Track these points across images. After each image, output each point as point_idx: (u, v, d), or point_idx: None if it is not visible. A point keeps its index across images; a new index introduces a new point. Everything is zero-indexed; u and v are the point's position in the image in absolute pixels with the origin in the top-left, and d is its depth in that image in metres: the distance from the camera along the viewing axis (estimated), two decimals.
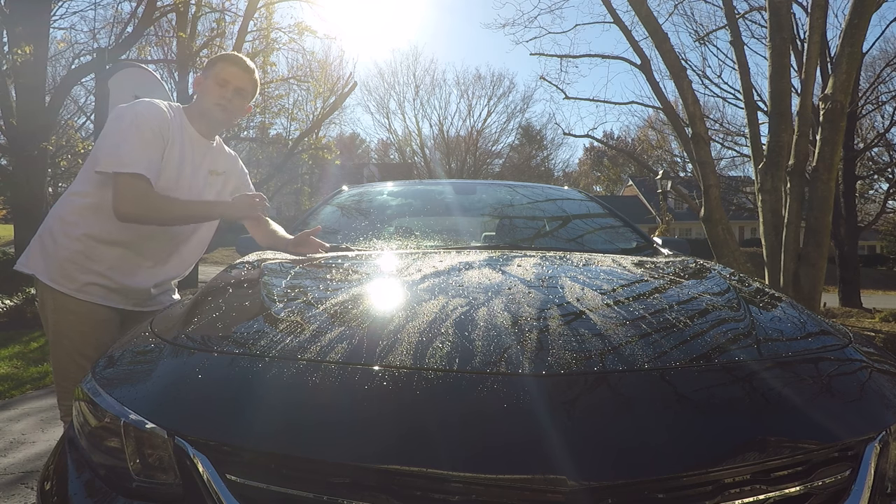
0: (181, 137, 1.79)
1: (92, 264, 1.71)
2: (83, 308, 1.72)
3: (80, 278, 1.71)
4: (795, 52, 11.84)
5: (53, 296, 1.72)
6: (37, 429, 3.38)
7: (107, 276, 1.73)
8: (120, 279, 1.76)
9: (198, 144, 1.85)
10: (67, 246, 1.70)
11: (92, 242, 1.71)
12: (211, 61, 1.90)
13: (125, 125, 1.66)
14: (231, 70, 1.83)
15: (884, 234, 30.99)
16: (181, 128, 1.80)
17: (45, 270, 1.72)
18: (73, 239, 1.70)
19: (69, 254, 1.70)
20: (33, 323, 7.11)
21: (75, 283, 1.71)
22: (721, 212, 6.46)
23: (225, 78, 1.82)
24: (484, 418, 0.81)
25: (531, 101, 46.09)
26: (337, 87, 19.23)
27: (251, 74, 1.88)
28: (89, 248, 1.71)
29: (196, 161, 1.84)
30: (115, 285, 1.76)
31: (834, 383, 0.99)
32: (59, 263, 1.71)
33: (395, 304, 1.20)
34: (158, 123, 1.70)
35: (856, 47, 5.44)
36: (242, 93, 1.87)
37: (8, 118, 9.07)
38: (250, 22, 11.24)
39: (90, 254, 1.71)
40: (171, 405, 0.92)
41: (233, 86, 1.83)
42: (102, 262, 1.72)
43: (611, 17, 7.58)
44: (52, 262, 1.71)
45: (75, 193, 1.73)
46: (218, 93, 1.82)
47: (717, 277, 1.56)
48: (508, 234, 2.35)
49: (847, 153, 13.66)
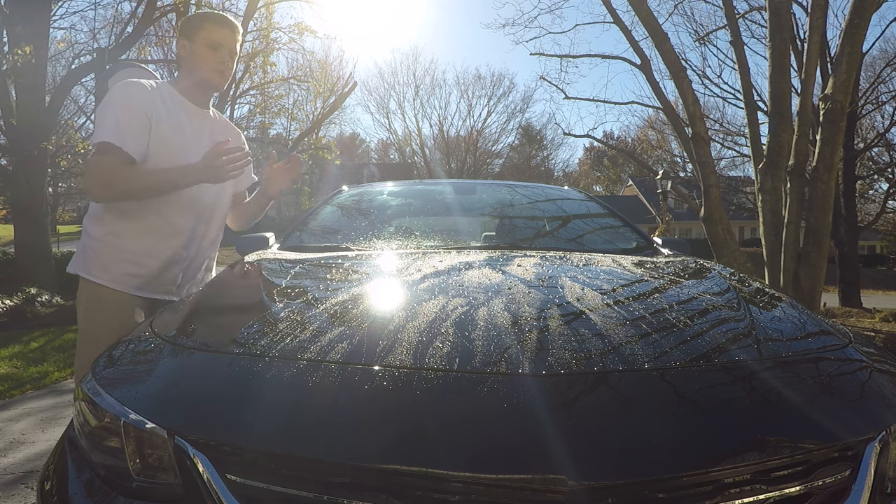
0: (173, 108, 1.74)
1: (124, 254, 1.75)
2: (116, 297, 1.75)
3: (114, 268, 1.75)
4: (795, 52, 11.84)
5: (89, 287, 1.76)
6: (37, 429, 3.38)
7: (139, 262, 1.76)
8: (152, 265, 1.78)
9: (193, 114, 1.81)
10: (100, 238, 1.75)
11: (120, 233, 1.75)
12: (191, 23, 1.81)
13: (104, 106, 1.66)
14: (222, 32, 1.78)
15: (884, 234, 30.98)
16: (170, 98, 1.76)
17: (83, 265, 1.77)
18: (103, 232, 1.75)
19: (102, 245, 1.75)
20: (33, 323, 7.12)
21: (109, 273, 1.75)
22: (721, 212, 6.47)
23: (217, 41, 1.76)
24: (484, 418, 0.81)
25: (531, 101, 46.16)
26: (337, 87, 19.23)
27: (239, 33, 1.83)
28: (119, 239, 1.75)
29: (196, 129, 1.80)
30: (147, 272, 1.78)
31: (834, 383, 0.99)
32: (95, 256, 1.75)
33: (395, 304, 1.20)
34: (139, 99, 1.67)
35: (856, 47, 5.44)
36: (234, 54, 1.82)
37: (8, 118, 9.07)
38: (250, 22, 11.24)
39: (121, 244, 1.75)
40: (171, 405, 0.92)
41: (226, 48, 1.78)
42: (133, 251, 1.75)
43: (611, 17, 7.59)
44: (90, 256, 1.76)
45: None
46: (213, 58, 1.76)
47: (717, 277, 1.56)
48: (508, 234, 2.34)
49: (847, 153, 13.66)
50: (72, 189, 26.97)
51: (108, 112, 1.64)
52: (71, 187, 26.72)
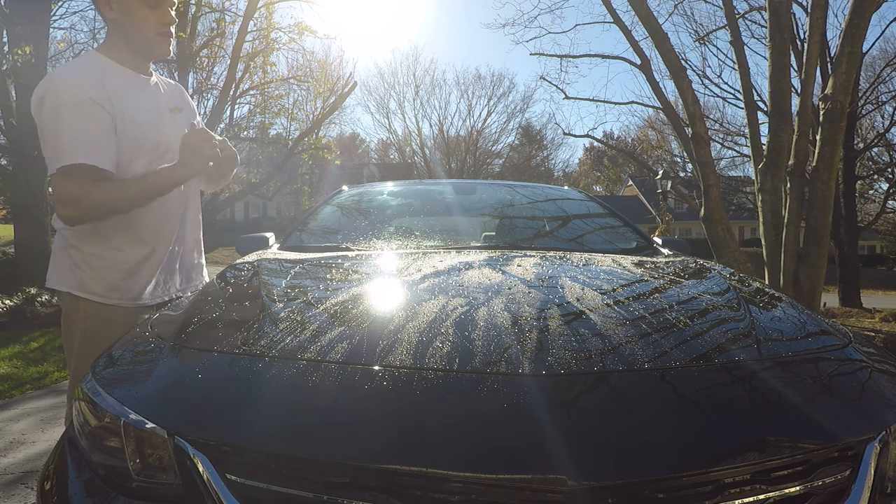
0: (124, 90, 1.48)
1: (126, 265, 1.58)
2: (122, 316, 1.57)
3: (119, 284, 1.57)
4: (795, 52, 11.84)
5: (89, 307, 1.56)
6: (37, 429, 3.38)
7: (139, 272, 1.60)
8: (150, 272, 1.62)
9: (139, 84, 1.54)
10: (99, 255, 1.56)
11: (121, 246, 1.56)
12: None
13: (52, 117, 1.39)
14: None
15: (884, 234, 30.98)
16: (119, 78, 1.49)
17: (77, 283, 1.56)
18: (102, 248, 1.56)
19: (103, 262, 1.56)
20: (33, 323, 7.11)
21: (117, 290, 1.58)
22: (721, 212, 6.47)
23: None
24: (484, 418, 0.81)
25: (531, 101, 46.15)
26: (337, 87, 19.21)
27: None
28: (121, 253, 1.57)
29: (153, 105, 1.55)
30: (144, 280, 1.62)
31: (834, 383, 0.99)
32: (93, 272, 1.56)
33: (395, 304, 1.20)
34: (92, 96, 1.40)
35: (856, 47, 5.44)
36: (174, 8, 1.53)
37: (8, 118, 9.08)
38: (250, 22, 11.24)
39: (123, 257, 1.57)
40: (171, 405, 0.92)
41: (167, 3, 1.48)
42: (132, 261, 1.58)
43: (611, 17, 7.59)
44: (85, 272, 1.56)
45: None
46: (155, 18, 1.47)
47: (717, 277, 1.56)
48: (508, 234, 2.34)
49: (847, 153, 13.66)
50: None
51: (63, 124, 1.36)
52: None
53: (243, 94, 16.56)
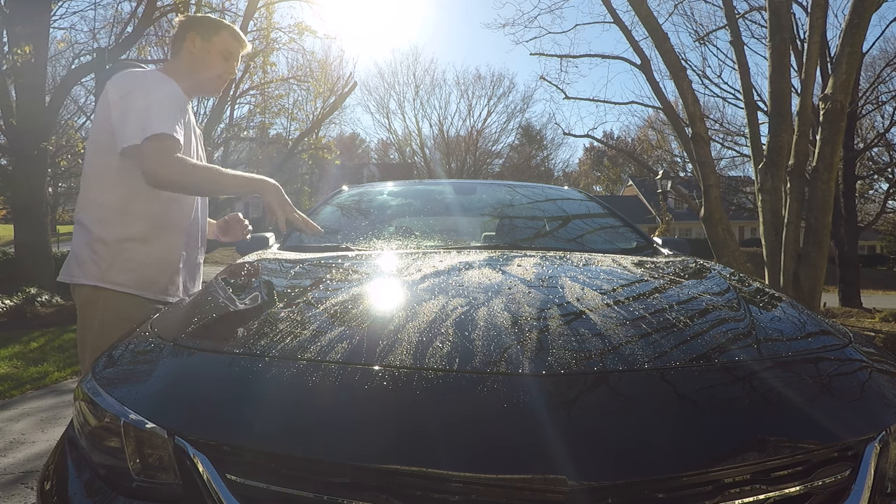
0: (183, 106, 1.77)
1: (149, 258, 1.69)
2: (141, 309, 1.65)
3: (140, 275, 1.68)
4: (795, 52, 11.84)
5: (111, 298, 1.66)
6: (37, 429, 3.38)
7: (161, 267, 1.72)
8: (161, 267, 1.73)
9: (186, 107, 1.80)
10: (106, 249, 1.66)
11: (147, 237, 1.68)
12: (208, 24, 1.82)
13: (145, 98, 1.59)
14: (238, 45, 1.84)
15: (884, 234, 30.96)
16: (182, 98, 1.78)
17: (94, 274, 1.65)
18: (124, 235, 1.66)
19: (130, 253, 1.67)
20: (33, 323, 7.12)
21: (143, 280, 1.69)
22: (721, 212, 6.47)
23: (231, 52, 1.82)
24: (484, 418, 0.81)
25: (531, 101, 46.11)
26: (337, 87, 19.24)
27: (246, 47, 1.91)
28: (147, 245, 1.68)
29: (189, 122, 1.79)
30: (168, 275, 1.74)
31: (834, 383, 0.99)
32: (117, 263, 1.66)
33: (395, 304, 1.20)
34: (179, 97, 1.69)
35: (856, 47, 5.44)
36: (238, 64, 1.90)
37: (8, 118, 9.08)
38: (250, 22, 11.24)
39: (148, 249, 1.69)
40: (171, 405, 0.92)
41: (235, 61, 1.85)
42: (141, 256, 1.68)
43: (611, 17, 7.59)
44: (108, 263, 1.66)
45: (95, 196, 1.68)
46: (223, 67, 1.81)
47: (717, 277, 1.56)
48: (508, 234, 2.34)
49: (847, 153, 13.66)
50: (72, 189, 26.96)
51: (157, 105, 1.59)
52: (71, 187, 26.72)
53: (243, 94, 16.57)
